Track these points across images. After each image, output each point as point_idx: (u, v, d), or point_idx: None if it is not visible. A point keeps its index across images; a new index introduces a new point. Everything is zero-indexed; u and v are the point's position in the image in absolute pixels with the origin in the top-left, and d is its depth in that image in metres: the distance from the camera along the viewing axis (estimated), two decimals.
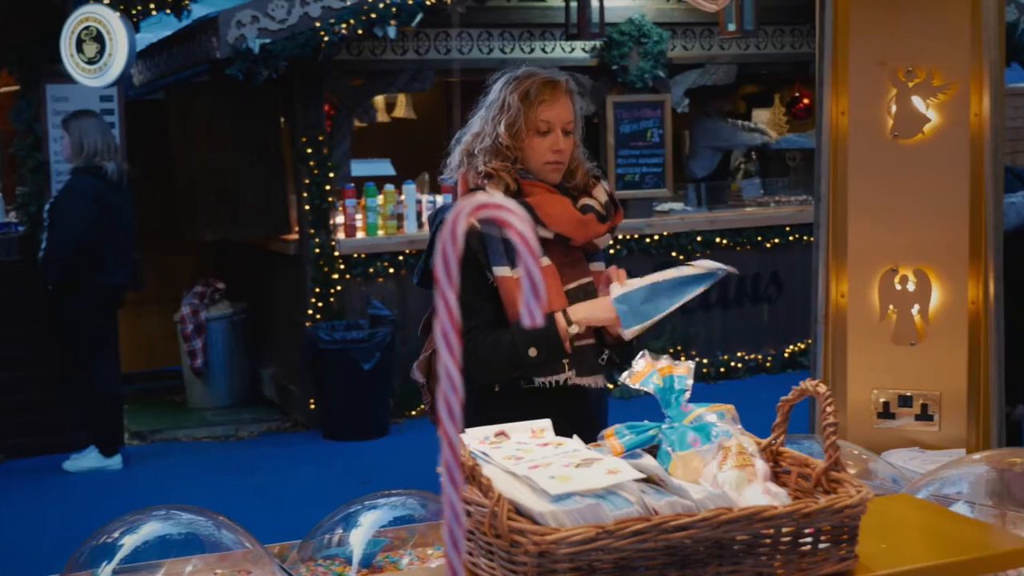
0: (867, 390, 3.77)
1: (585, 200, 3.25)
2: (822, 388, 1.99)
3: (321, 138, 8.57)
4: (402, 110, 11.21)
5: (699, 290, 3.10)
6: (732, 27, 8.48)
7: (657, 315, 3.08)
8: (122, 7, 7.42)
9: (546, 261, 3.14)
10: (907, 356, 3.73)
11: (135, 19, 7.78)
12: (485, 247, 3.11)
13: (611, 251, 8.84)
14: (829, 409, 1.96)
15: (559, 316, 3.10)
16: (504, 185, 3.13)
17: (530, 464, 1.87)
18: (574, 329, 3.09)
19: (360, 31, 8.07)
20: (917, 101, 3.68)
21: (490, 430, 2.04)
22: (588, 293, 3.22)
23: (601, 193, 3.29)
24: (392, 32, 8.20)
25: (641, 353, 2.21)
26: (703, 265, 3.12)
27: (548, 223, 3.14)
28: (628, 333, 3.08)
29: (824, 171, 3.82)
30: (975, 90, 3.63)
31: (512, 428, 2.06)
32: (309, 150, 8.50)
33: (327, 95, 8.75)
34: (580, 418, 3.10)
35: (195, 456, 8.13)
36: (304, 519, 3.03)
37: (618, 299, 3.08)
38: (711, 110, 10.53)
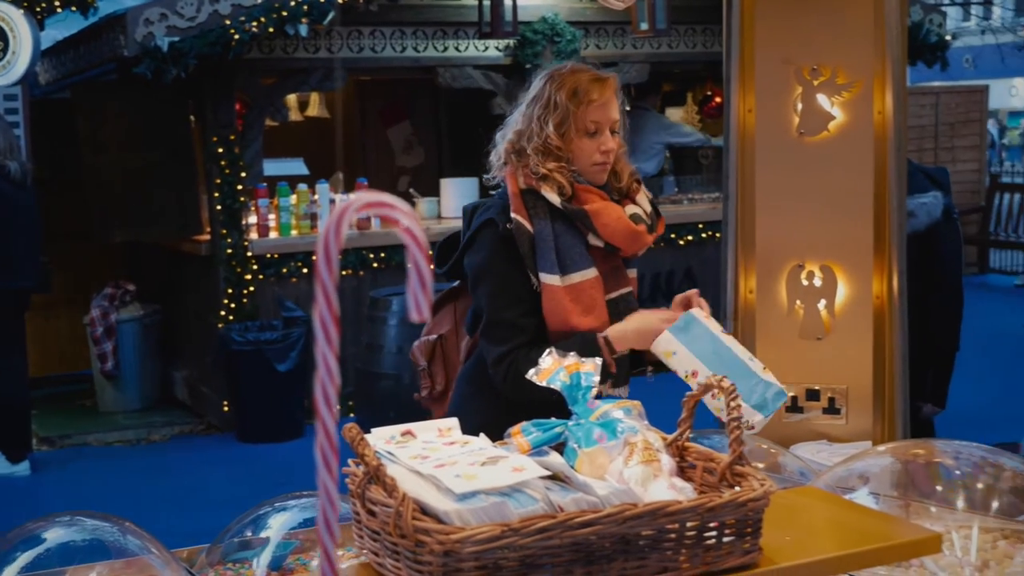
0: None
1: (632, 208, 3.14)
2: (726, 383, 2.01)
3: (232, 137, 8.48)
4: (315, 109, 11.13)
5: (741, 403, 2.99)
6: (644, 26, 8.53)
7: (694, 368, 2.95)
8: (26, 4, 7.29)
9: (593, 272, 3.04)
10: (814, 350, 3.79)
11: (39, 16, 7.64)
12: (534, 251, 3.01)
13: None
14: (734, 404, 1.98)
15: (603, 342, 2.99)
16: (559, 187, 3.02)
17: (436, 463, 1.87)
18: (618, 354, 3.00)
19: (271, 29, 8.00)
20: (822, 99, 3.73)
21: (396, 429, 2.03)
22: (627, 303, 3.13)
23: (644, 200, 3.19)
24: (304, 30, 8.13)
25: (548, 351, 2.21)
26: (772, 383, 2.96)
27: (603, 233, 3.04)
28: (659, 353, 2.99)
29: (732, 169, 3.86)
30: (878, 88, 3.69)
31: (419, 427, 2.05)
32: (220, 149, 8.41)
33: (238, 94, 8.65)
34: None
35: (106, 461, 8.00)
36: (218, 523, 2.99)
37: (678, 334, 2.96)
38: (648, 104, 10.54)
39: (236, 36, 7.87)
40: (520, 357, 2.96)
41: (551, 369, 2.15)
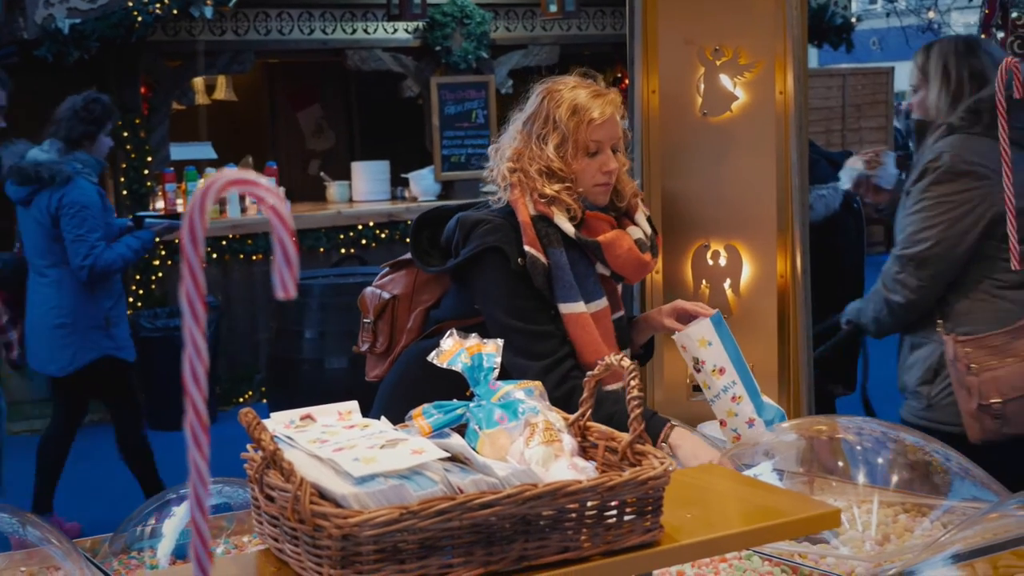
0: (682, 365, 3.84)
1: (636, 232, 3.05)
2: (626, 362, 2.01)
3: (138, 121, 8.36)
4: (222, 92, 11.00)
5: (732, 417, 3.05)
6: (553, 8, 8.56)
7: (722, 365, 2.99)
8: None
9: (605, 302, 2.99)
10: None
11: None
12: (551, 283, 2.93)
13: None
14: (633, 383, 1.98)
15: (666, 431, 2.91)
16: (568, 211, 2.93)
17: (335, 447, 1.85)
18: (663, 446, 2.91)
19: (175, 11, 7.90)
20: (725, 79, 3.76)
21: (296, 413, 2.01)
22: (622, 329, 3.09)
23: (643, 219, 3.10)
24: (209, 12, 8.03)
25: (449, 332, 2.20)
26: (770, 405, 3.05)
27: (612, 264, 2.98)
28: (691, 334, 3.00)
29: (637, 149, 3.87)
30: (780, 69, 3.72)
31: (319, 411, 2.03)
32: (125, 133, 8.28)
33: (143, 77, 8.54)
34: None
35: (13, 450, 7.83)
36: (129, 512, 2.94)
37: (718, 327, 2.99)
38: None
39: (139, 18, 7.76)
40: (573, 371, 2.91)
41: (452, 351, 2.14)
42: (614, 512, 1.87)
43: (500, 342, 2.17)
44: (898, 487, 2.79)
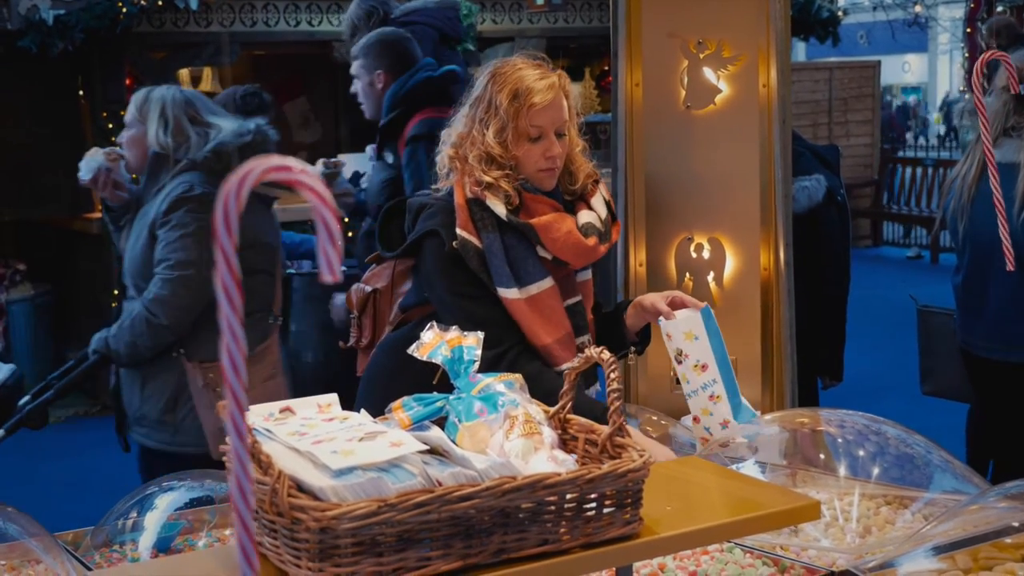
0: (666, 357, 3.84)
1: (586, 216, 2.98)
2: (606, 355, 2.01)
3: (123, 113, 8.29)
4: (208, 84, 10.94)
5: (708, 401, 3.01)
6: (540, 1, 8.54)
7: (705, 361, 2.96)
8: None
9: (549, 282, 2.92)
10: None
11: None
12: (487, 267, 2.89)
13: None
14: (613, 375, 1.98)
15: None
16: (505, 196, 2.86)
17: (314, 439, 1.85)
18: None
19: (160, 2, 7.87)
20: (708, 72, 3.76)
21: (275, 406, 2.00)
22: (579, 314, 3.02)
23: (600, 203, 3.03)
24: (194, 3, 8.01)
25: (429, 325, 2.20)
26: (747, 409, 3.03)
27: (551, 248, 2.90)
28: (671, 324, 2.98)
29: (620, 142, 3.87)
30: (763, 62, 3.72)
31: (298, 403, 2.03)
32: (110, 125, 8.24)
33: (128, 68, 8.50)
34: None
35: None
36: (111, 505, 2.93)
37: (707, 321, 2.96)
38: None
39: (124, 9, 7.73)
40: (520, 359, 2.86)
41: (433, 343, 2.14)
42: (593, 505, 1.87)
43: (480, 335, 2.17)
44: (879, 479, 2.80)
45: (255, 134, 3.86)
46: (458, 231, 2.88)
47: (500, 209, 2.86)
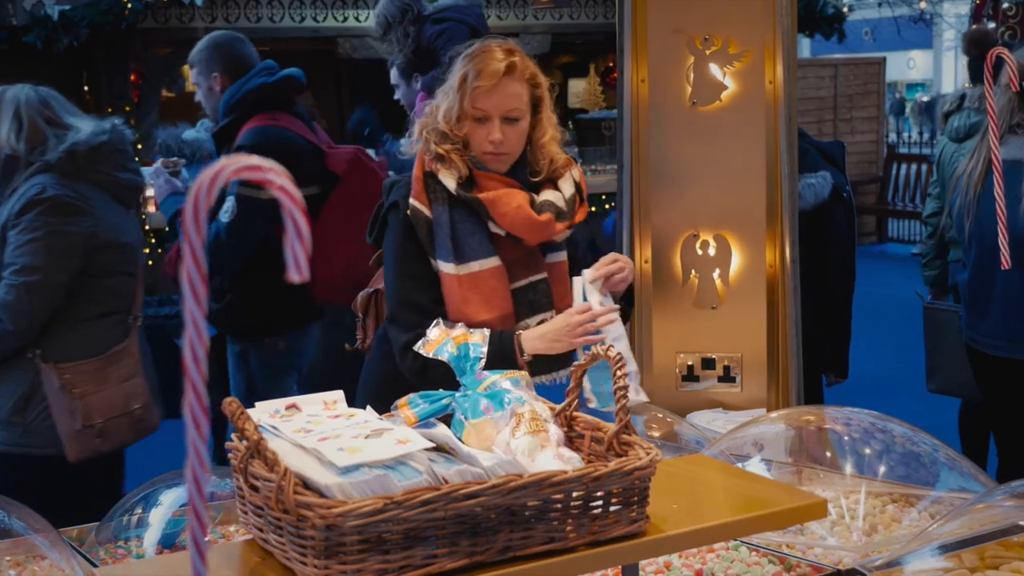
0: (671, 354, 3.84)
1: (546, 195, 3.00)
2: (612, 352, 2.00)
3: (128, 108, 8.33)
4: None
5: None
6: None
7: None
8: None
9: (494, 262, 2.95)
10: (709, 319, 3.82)
11: None
12: (433, 238, 2.93)
13: None
14: (619, 373, 1.98)
15: (516, 346, 2.90)
16: (456, 170, 2.92)
17: (320, 437, 1.84)
18: (526, 358, 2.90)
19: None
20: (714, 69, 3.75)
21: (281, 403, 2.00)
22: (539, 291, 3.02)
23: (568, 185, 3.04)
24: None
25: (435, 322, 2.19)
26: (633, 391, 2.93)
27: (500, 222, 2.93)
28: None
29: (626, 138, 3.86)
30: (769, 58, 3.71)
31: (304, 400, 2.02)
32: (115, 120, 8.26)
33: (133, 64, 8.51)
34: None
35: None
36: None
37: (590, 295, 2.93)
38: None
39: (129, 5, 7.73)
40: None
41: (438, 341, 2.14)
42: (600, 502, 1.87)
43: (486, 332, 2.16)
44: (886, 477, 2.79)
45: (111, 134, 3.82)
46: (411, 200, 2.94)
47: (451, 183, 2.93)
